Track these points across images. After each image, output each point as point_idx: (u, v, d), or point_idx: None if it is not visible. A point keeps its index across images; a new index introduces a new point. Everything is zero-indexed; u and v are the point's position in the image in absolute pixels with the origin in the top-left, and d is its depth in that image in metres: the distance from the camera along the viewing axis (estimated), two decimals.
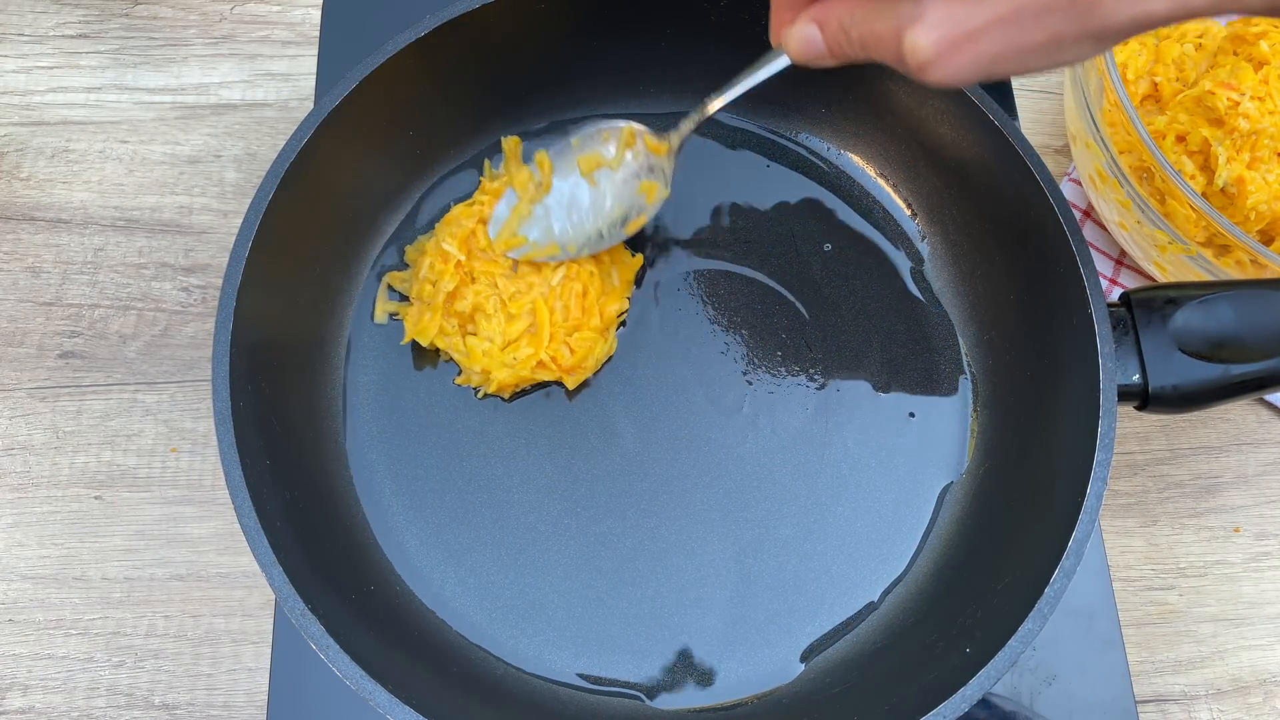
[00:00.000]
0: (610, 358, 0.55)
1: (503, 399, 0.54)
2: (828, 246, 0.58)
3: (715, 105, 0.50)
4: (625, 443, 0.54)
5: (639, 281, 0.57)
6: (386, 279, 0.56)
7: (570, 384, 0.54)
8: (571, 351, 0.53)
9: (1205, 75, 0.57)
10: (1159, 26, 0.31)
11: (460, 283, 0.53)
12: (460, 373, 0.55)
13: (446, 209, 0.57)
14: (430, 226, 0.57)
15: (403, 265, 0.57)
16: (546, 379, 0.54)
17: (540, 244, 0.53)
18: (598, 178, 0.54)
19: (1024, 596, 0.43)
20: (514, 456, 0.53)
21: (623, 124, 0.53)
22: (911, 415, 0.55)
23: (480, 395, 0.54)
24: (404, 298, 0.56)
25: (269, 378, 0.49)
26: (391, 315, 0.56)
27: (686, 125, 0.52)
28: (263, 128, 0.65)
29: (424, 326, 0.54)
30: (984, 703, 0.52)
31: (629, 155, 0.53)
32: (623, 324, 0.56)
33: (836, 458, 0.54)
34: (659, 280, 0.57)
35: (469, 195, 0.58)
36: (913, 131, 0.56)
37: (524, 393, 0.55)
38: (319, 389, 0.54)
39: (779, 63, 0.46)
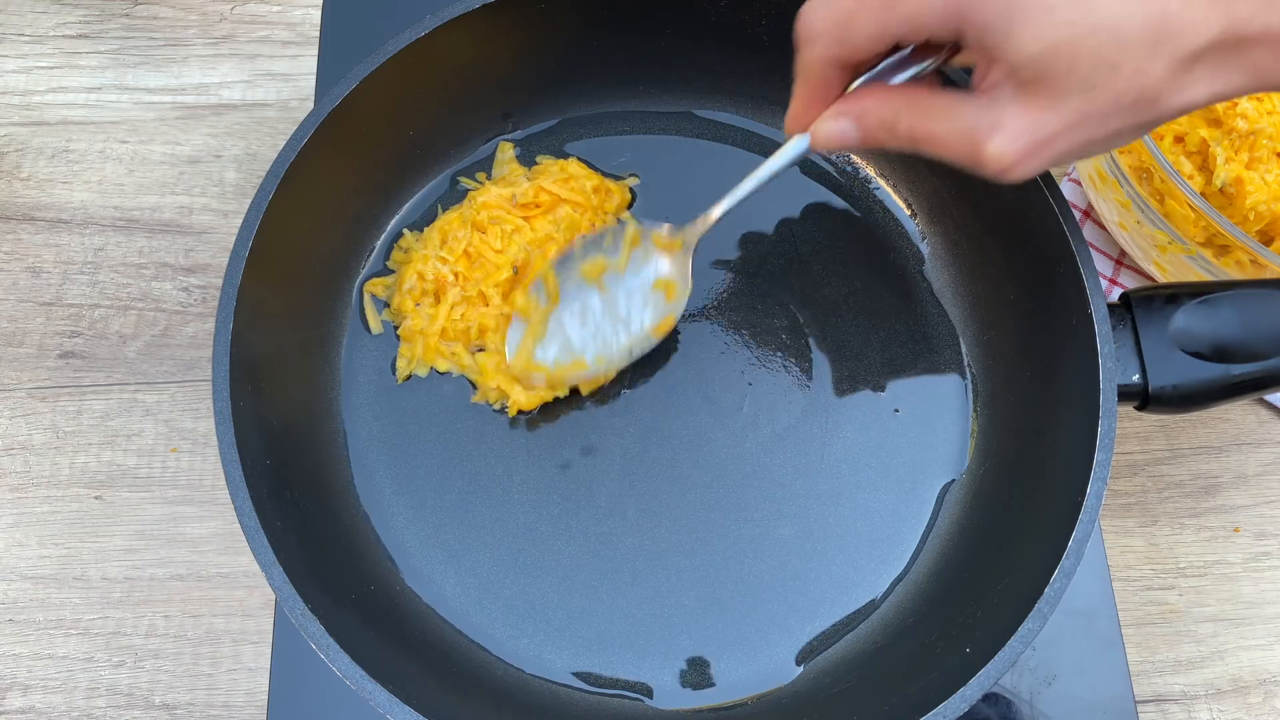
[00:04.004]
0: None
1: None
2: (828, 247, 0.58)
3: (742, 192, 0.49)
4: (625, 443, 0.54)
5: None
6: (367, 288, 0.56)
7: (584, 390, 0.54)
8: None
9: None
10: (1199, 109, 0.36)
11: (468, 304, 0.53)
12: (476, 391, 0.54)
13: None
14: (424, 225, 0.57)
15: (384, 270, 0.57)
16: (563, 393, 0.53)
17: (562, 360, 0.51)
18: (605, 282, 0.52)
19: (1024, 596, 0.43)
20: (514, 456, 0.53)
21: (628, 224, 0.52)
22: (911, 415, 0.55)
23: (512, 414, 0.53)
24: (387, 304, 0.56)
25: (269, 377, 0.49)
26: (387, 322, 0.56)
27: (700, 223, 0.50)
28: (263, 128, 0.65)
29: (414, 359, 0.54)
30: (991, 699, 0.52)
31: (636, 254, 0.52)
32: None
33: (836, 457, 0.54)
34: None
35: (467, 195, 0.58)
36: None
37: None
38: (319, 389, 0.54)
39: (797, 150, 0.45)
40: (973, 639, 0.45)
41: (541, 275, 0.52)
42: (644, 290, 0.52)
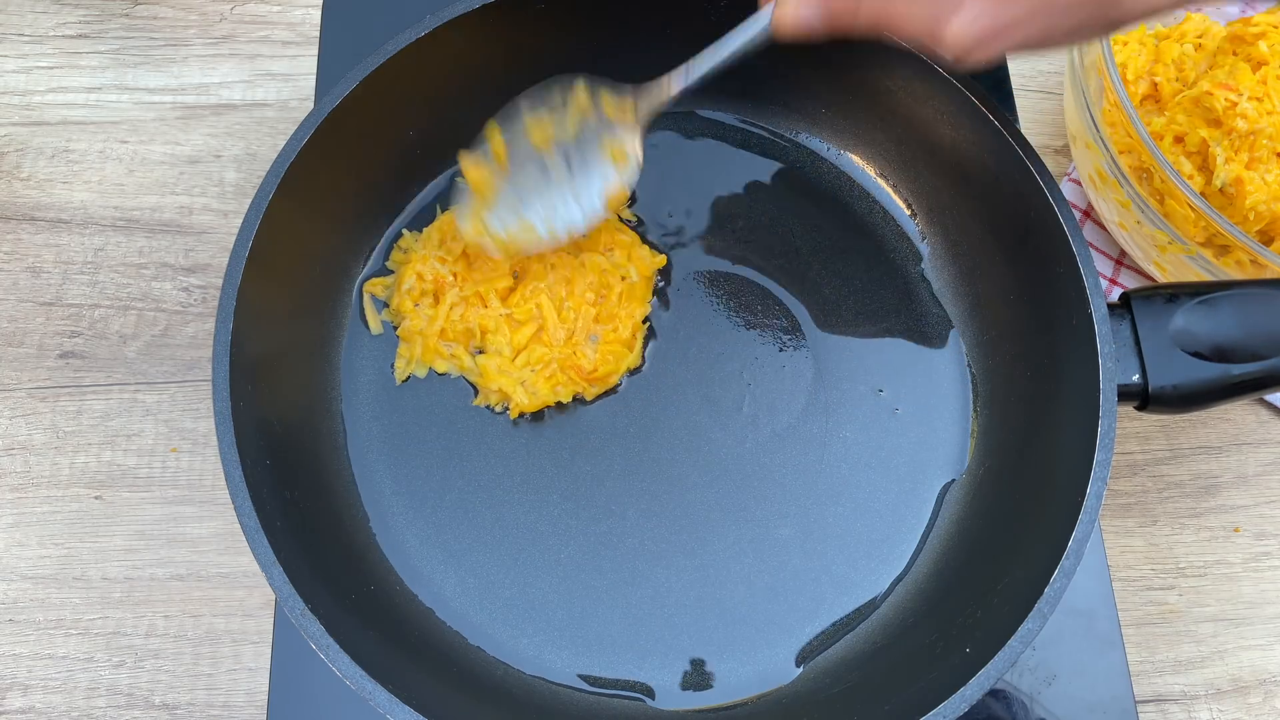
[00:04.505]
0: (639, 368, 0.55)
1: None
2: (828, 247, 0.58)
3: (698, 71, 0.48)
4: (625, 443, 0.54)
5: (665, 282, 0.57)
6: (366, 288, 0.56)
7: (589, 395, 0.54)
8: (595, 366, 0.53)
9: (1204, 76, 0.57)
10: (1163, 14, 0.35)
11: (466, 304, 0.53)
12: (477, 394, 0.54)
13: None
14: (423, 225, 0.57)
15: (384, 270, 0.57)
16: (565, 399, 0.53)
17: (513, 229, 0.51)
18: (555, 150, 0.51)
19: (1024, 596, 0.43)
20: (514, 457, 0.53)
21: (578, 81, 0.51)
22: (911, 415, 0.55)
23: (513, 415, 0.54)
24: (386, 304, 0.56)
25: (269, 378, 0.49)
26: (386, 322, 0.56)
27: (653, 95, 0.49)
28: (263, 128, 0.65)
29: (413, 359, 0.54)
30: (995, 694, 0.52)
31: (587, 123, 0.51)
32: (651, 336, 0.56)
33: (836, 457, 0.54)
34: (658, 281, 0.57)
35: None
36: (913, 131, 0.56)
37: None
38: (319, 389, 0.54)
39: (754, 31, 0.44)
40: (973, 639, 0.45)
41: (486, 135, 0.51)
42: (594, 159, 0.51)
